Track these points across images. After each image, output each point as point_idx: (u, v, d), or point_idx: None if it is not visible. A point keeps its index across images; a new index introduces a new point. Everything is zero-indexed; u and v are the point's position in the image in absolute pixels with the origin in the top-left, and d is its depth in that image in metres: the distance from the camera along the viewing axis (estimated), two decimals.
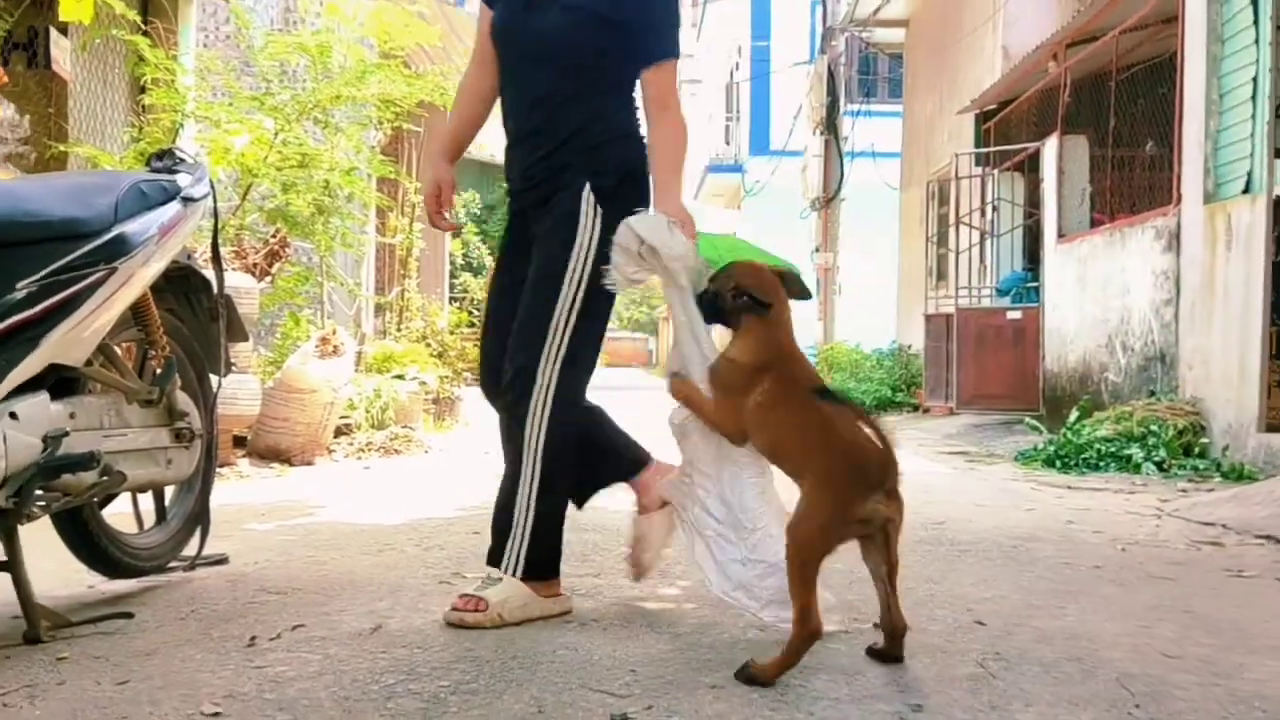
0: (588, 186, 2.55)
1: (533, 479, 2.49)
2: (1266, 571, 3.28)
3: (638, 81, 2.63)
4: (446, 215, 2.83)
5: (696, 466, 2.37)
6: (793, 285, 2.40)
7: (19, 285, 2.24)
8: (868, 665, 2.12)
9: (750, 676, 1.98)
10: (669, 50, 2.63)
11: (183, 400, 2.90)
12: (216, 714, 1.82)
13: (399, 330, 10.77)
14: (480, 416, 10.16)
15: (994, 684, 2.02)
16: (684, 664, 2.12)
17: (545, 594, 2.51)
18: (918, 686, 1.99)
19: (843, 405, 2.17)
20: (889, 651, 2.14)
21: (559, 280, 2.53)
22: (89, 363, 2.51)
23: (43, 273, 2.28)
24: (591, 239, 2.53)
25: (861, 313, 16.63)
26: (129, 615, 2.47)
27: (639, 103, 2.66)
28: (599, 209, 2.54)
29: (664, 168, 2.59)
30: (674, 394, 2.37)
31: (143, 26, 6.30)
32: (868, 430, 2.08)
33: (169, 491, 3.06)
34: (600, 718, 1.79)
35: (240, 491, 4.98)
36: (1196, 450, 6.22)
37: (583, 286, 2.52)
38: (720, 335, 2.39)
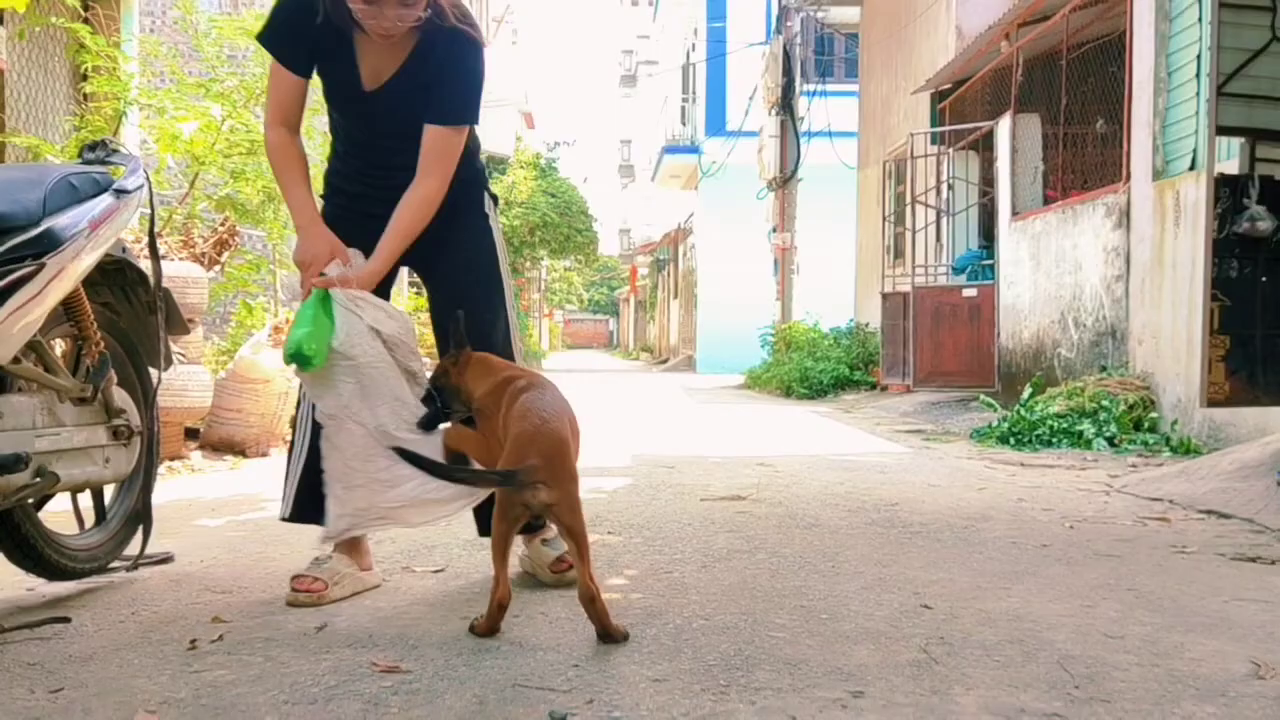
0: (486, 197, 2.91)
1: None
2: (1207, 547, 3.33)
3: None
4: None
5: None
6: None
7: None
8: (811, 654, 2.13)
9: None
10: (465, 118, 2.71)
11: (120, 396, 2.84)
12: None
13: None
14: None
15: (936, 669, 2.03)
16: (627, 657, 2.11)
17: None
18: (860, 673, 2.00)
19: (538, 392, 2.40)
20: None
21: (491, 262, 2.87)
22: (17, 360, 2.45)
23: None
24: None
25: (819, 292, 16.72)
26: (66, 620, 2.42)
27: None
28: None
29: (397, 230, 2.66)
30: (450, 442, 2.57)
31: (83, 13, 6.16)
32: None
33: (109, 490, 3.00)
34: (540, 715, 1.78)
35: (191, 486, 4.91)
36: (1147, 425, 6.31)
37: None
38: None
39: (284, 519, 2.83)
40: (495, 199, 2.97)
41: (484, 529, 2.83)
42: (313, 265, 2.64)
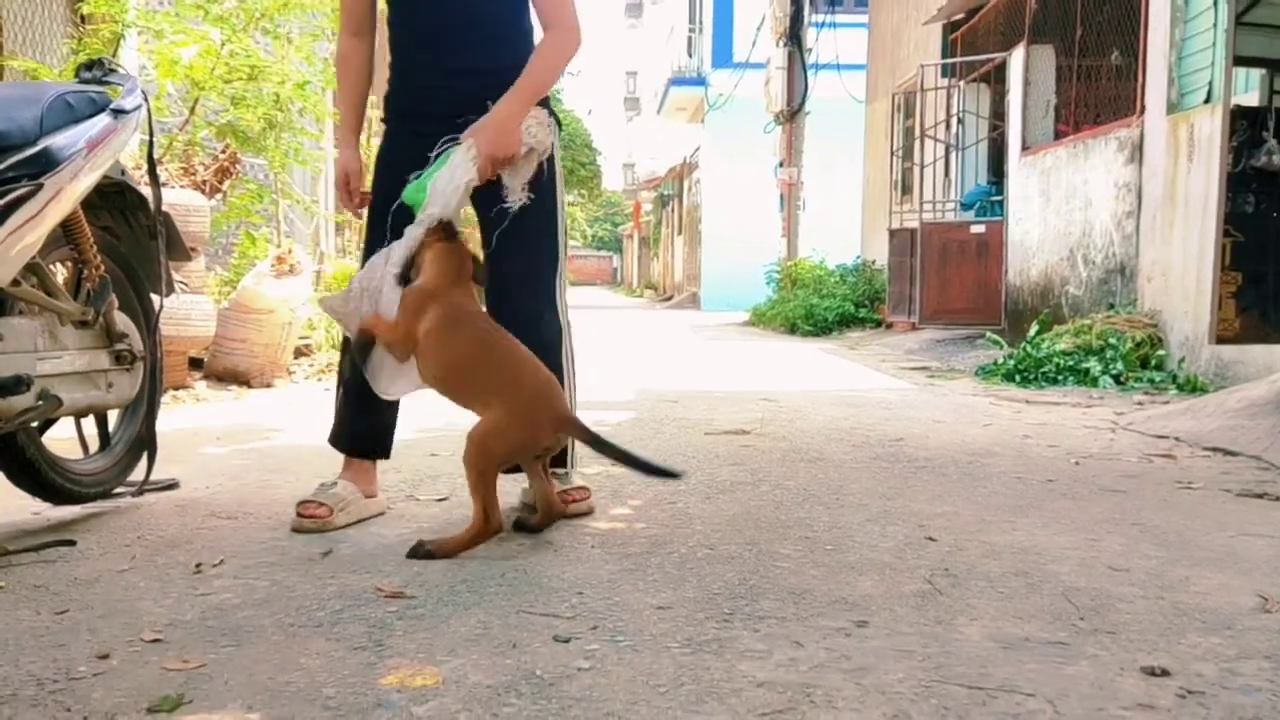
0: (546, 112, 2.66)
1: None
2: (1213, 483, 3.32)
3: None
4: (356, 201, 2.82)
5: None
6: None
7: None
8: (815, 584, 2.13)
9: (427, 553, 2.28)
10: None
11: (122, 321, 2.82)
12: (157, 640, 1.79)
13: (360, 249, 10.59)
14: None
15: (940, 599, 2.03)
16: (632, 585, 2.11)
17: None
18: (865, 604, 2.00)
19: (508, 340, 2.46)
20: (536, 525, 2.47)
21: (556, 220, 2.75)
22: (17, 283, 2.42)
23: None
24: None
25: (826, 228, 16.57)
26: (71, 543, 2.42)
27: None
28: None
29: (530, 77, 2.59)
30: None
31: None
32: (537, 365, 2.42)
33: (112, 416, 2.99)
34: (544, 640, 1.78)
35: (196, 415, 4.91)
36: (1153, 363, 6.28)
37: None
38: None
39: (329, 441, 2.82)
40: (558, 120, 2.76)
41: None
42: (337, 185, 2.76)
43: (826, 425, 4.59)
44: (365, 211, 2.78)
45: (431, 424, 4.23)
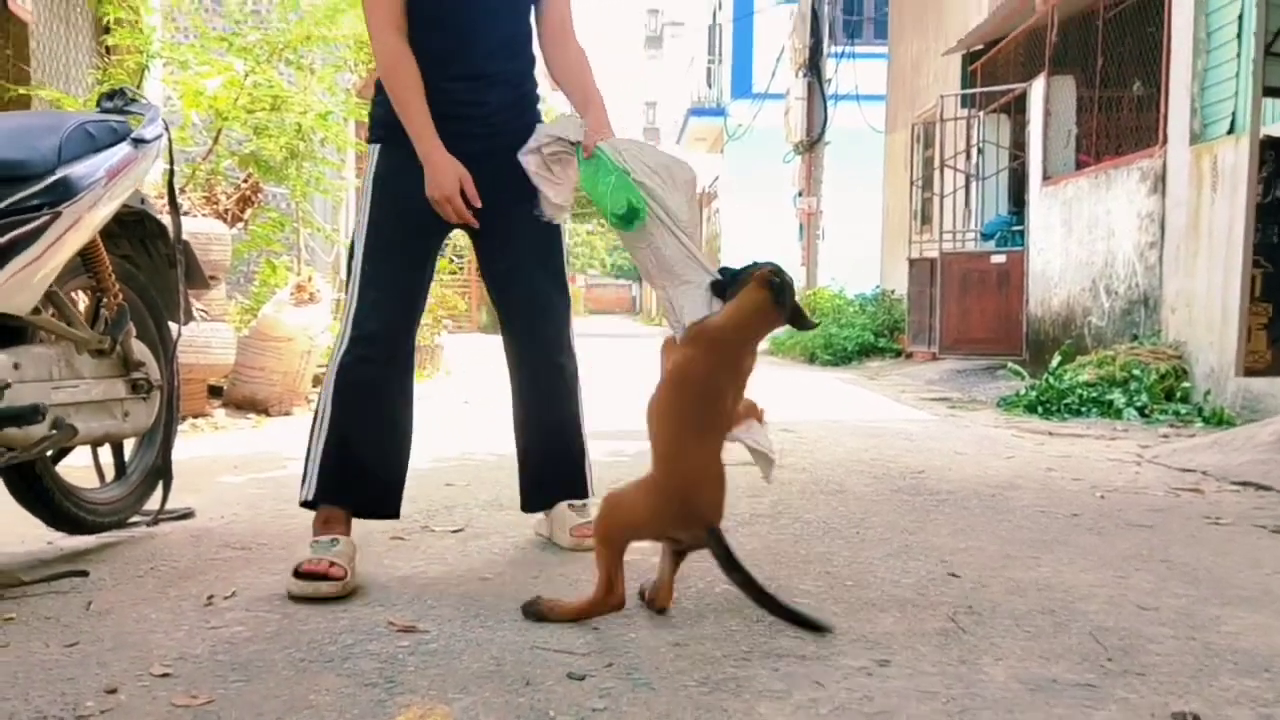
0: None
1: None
2: (1243, 518, 3.25)
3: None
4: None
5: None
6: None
7: None
8: (836, 621, 2.08)
9: (539, 613, 2.04)
10: None
11: (139, 350, 2.82)
12: (166, 675, 1.76)
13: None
14: (462, 364, 10.10)
15: (964, 638, 1.98)
16: (648, 619, 2.07)
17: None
18: (886, 641, 1.95)
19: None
20: (658, 607, 2.13)
21: (561, 244, 2.66)
22: (35, 311, 2.42)
23: None
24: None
25: (845, 258, 16.54)
26: (84, 574, 2.40)
27: None
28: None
29: (593, 90, 2.53)
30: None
31: None
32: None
33: (129, 445, 2.98)
34: (558, 677, 1.74)
35: (214, 443, 4.91)
36: (1178, 395, 6.20)
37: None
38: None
39: (306, 503, 2.48)
40: None
41: (527, 505, 2.80)
42: (451, 199, 2.41)
43: (847, 456, 4.54)
44: (367, 243, 2.51)
45: (447, 453, 4.22)
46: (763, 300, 2.09)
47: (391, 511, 2.56)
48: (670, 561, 2.13)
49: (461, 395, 7.41)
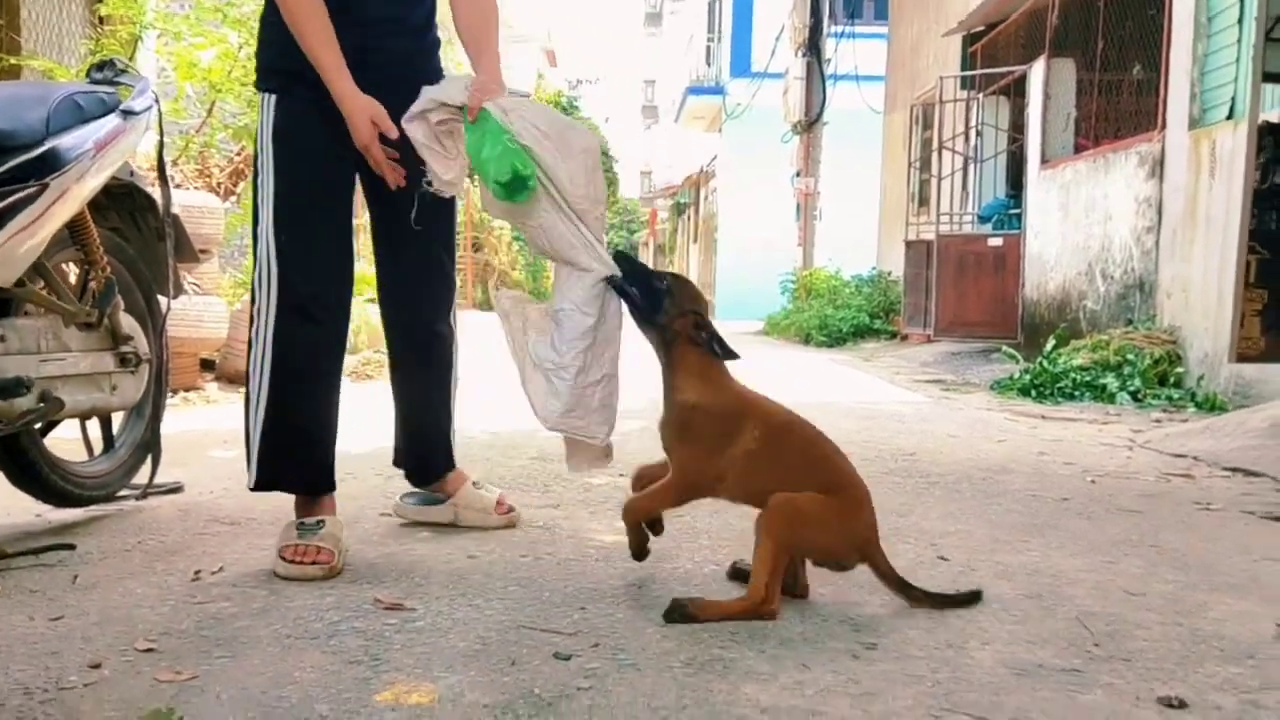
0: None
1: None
2: (1233, 504, 3.26)
3: None
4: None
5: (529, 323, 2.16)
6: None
7: None
8: (824, 603, 2.08)
9: (687, 615, 1.91)
10: None
11: (127, 323, 2.80)
12: (150, 650, 1.76)
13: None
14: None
15: (951, 622, 1.97)
16: (634, 601, 2.07)
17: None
18: (873, 625, 1.95)
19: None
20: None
21: (454, 211, 2.58)
22: (21, 283, 2.40)
23: None
24: None
25: (842, 239, 16.53)
26: (71, 547, 2.39)
27: None
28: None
29: (492, 41, 2.36)
30: (628, 517, 2.16)
31: None
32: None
33: (117, 419, 2.97)
34: (544, 657, 1.74)
35: (206, 417, 4.89)
36: (1172, 380, 6.20)
37: None
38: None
39: (253, 488, 2.38)
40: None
41: (416, 479, 2.76)
42: (372, 144, 2.22)
43: (838, 438, 4.47)
44: (275, 204, 2.30)
45: None
46: (699, 356, 2.16)
47: (332, 484, 2.43)
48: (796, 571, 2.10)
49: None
